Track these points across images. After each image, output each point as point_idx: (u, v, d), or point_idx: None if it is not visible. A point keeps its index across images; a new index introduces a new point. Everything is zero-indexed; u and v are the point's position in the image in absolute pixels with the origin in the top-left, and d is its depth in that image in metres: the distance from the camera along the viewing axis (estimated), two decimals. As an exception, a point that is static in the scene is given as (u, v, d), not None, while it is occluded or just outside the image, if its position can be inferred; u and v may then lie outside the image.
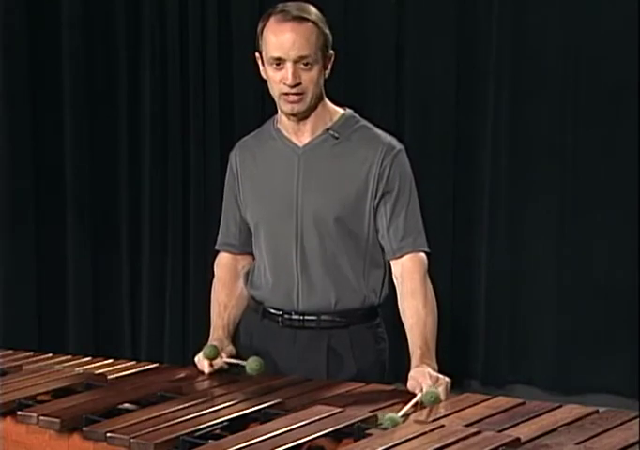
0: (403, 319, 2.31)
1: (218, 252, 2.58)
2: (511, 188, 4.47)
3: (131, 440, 1.77)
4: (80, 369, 2.39)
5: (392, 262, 2.39)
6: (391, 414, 1.85)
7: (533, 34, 4.40)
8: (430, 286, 2.33)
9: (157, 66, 4.69)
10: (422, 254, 2.38)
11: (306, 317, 2.38)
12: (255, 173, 2.45)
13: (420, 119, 4.62)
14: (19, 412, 1.99)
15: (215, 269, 2.57)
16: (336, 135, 2.37)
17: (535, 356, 4.48)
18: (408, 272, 2.35)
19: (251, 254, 2.52)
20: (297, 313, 2.37)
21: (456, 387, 2.12)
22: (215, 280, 2.56)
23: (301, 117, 2.36)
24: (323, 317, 2.37)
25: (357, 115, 2.45)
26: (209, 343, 2.37)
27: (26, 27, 4.45)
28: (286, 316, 2.39)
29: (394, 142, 2.41)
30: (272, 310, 2.43)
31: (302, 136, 2.39)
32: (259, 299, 2.46)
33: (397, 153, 2.38)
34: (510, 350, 4.53)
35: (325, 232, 2.35)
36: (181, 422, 1.85)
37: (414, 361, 2.20)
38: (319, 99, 2.36)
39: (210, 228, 4.67)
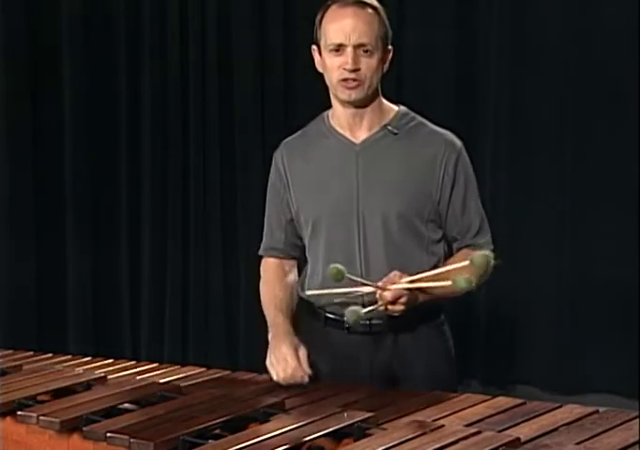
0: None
1: (262, 257, 2.52)
2: (511, 188, 4.47)
3: (131, 440, 1.77)
4: (80, 369, 2.39)
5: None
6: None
7: (534, 34, 4.39)
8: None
9: (157, 66, 4.69)
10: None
11: (373, 321, 2.27)
12: (308, 172, 2.37)
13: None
14: (19, 412, 2.00)
15: (262, 273, 2.50)
16: (395, 131, 2.34)
17: (535, 356, 4.47)
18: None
19: (295, 258, 2.47)
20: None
21: (456, 387, 2.11)
22: (262, 283, 2.48)
23: (358, 106, 2.30)
24: (389, 318, 2.23)
25: (411, 112, 2.41)
26: (271, 338, 2.27)
27: (26, 27, 4.44)
28: None
29: (454, 138, 2.39)
30: (335, 316, 2.32)
31: (358, 132, 2.34)
32: (320, 304, 2.36)
33: (460, 150, 2.38)
34: (510, 350, 4.52)
35: (387, 229, 2.29)
36: (181, 422, 1.85)
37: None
38: (376, 93, 2.32)
39: (210, 228, 4.71)
